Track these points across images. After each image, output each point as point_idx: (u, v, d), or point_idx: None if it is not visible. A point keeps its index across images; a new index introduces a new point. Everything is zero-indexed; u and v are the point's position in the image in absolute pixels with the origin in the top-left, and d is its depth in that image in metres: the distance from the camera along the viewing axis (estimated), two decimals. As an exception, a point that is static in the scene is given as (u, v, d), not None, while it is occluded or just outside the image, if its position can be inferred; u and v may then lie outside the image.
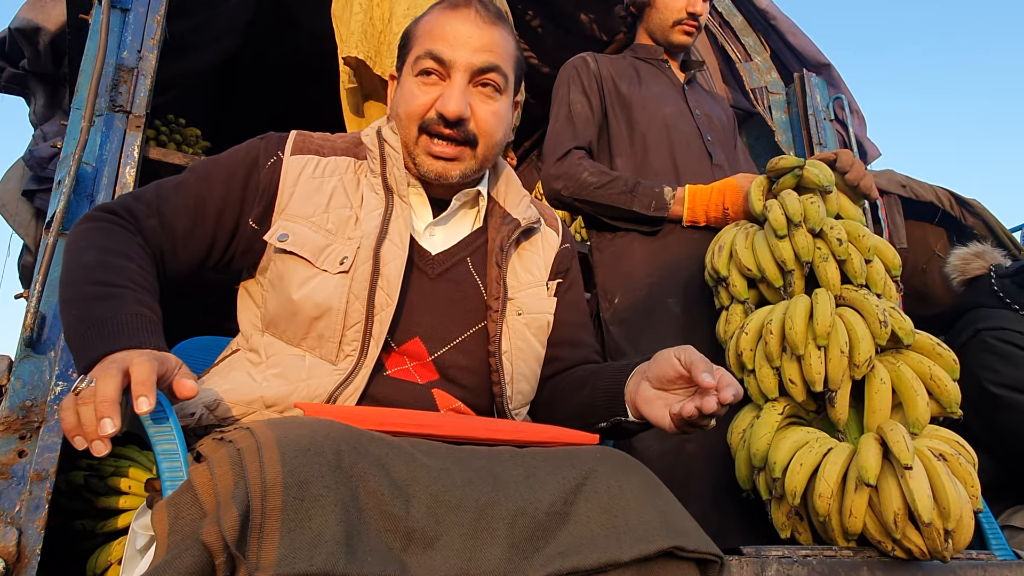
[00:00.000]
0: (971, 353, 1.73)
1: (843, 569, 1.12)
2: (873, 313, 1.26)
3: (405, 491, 0.75)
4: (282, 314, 1.08)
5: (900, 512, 1.11)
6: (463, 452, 0.87)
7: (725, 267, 1.44)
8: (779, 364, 1.29)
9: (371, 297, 1.06)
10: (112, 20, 1.88)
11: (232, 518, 0.66)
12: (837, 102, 3.13)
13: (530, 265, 1.24)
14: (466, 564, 0.73)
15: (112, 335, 0.90)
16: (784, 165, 1.50)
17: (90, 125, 1.72)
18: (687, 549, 0.83)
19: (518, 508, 0.78)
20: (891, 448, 1.13)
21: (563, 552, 0.78)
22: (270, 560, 0.64)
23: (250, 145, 1.18)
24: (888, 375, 1.26)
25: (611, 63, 1.95)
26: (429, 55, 1.12)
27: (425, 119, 1.12)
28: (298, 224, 1.10)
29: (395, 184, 1.15)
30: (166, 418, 0.86)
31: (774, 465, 1.22)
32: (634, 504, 0.85)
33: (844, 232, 1.38)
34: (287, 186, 1.13)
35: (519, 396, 1.17)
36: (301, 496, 0.68)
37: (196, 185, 1.13)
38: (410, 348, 1.11)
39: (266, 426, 0.77)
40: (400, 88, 1.18)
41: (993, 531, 1.48)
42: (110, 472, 1.84)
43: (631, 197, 1.67)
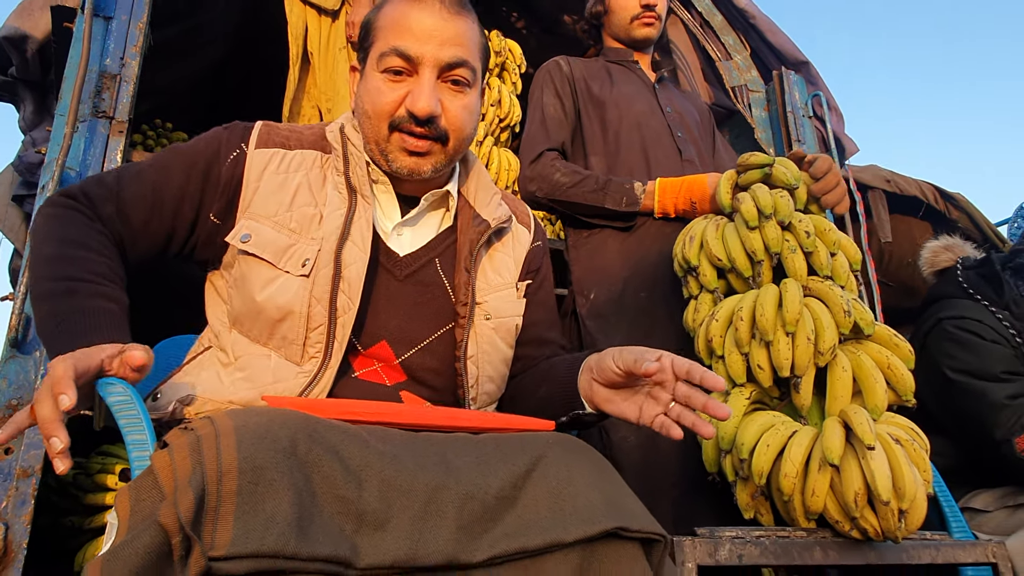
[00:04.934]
0: (933, 341, 1.77)
1: (796, 549, 1.16)
2: (838, 304, 1.30)
3: (358, 476, 0.77)
4: (246, 314, 1.08)
5: (860, 492, 1.15)
6: (417, 439, 0.89)
7: (696, 257, 1.48)
8: (748, 350, 1.33)
9: (332, 300, 1.05)
10: (95, 28, 1.92)
11: (188, 500, 0.68)
12: (815, 99, 3.17)
13: (500, 267, 1.22)
14: (415, 545, 0.75)
15: (69, 332, 0.94)
16: (754, 162, 1.53)
17: (73, 131, 1.77)
18: (631, 529, 0.84)
19: (468, 492, 0.81)
20: (855, 430, 1.17)
21: (509, 534, 0.80)
22: (224, 540, 0.67)
23: (213, 135, 1.15)
24: (850, 363, 1.30)
25: (584, 65, 1.99)
26: (395, 52, 1.08)
27: (395, 117, 1.09)
28: (260, 224, 1.08)
29: (358, 184, 1.12)
30: (135, 408, 0.90)
31: (741, 446, 1.26)
32: (581, 487, 0.86)
33: (812, 226, 1.42)
34: (250, 182, 1.11)
35: (484, 396, 1.17)
36: (255, 481, 0.71)
37: (155, 175, 1.11)
38: (377, 351, 1.11)
39: (226, 415, 0.79)
40: (364, 83, 1.13)
41: (953, 513, 1.52)
42: (96, 470, 1.87)
43: (603, 195, 1.71)
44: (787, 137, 3.07)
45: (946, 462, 1.73)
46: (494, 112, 2.89)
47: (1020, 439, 1.58)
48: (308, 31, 2.57)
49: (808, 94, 3.18)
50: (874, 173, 4.49)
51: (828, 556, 1.18)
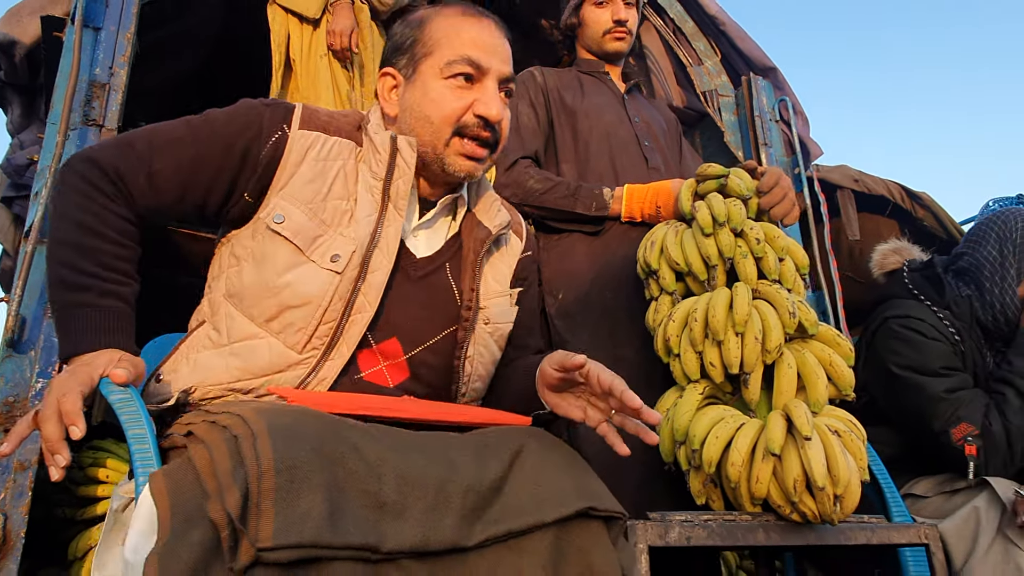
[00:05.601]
0: (880, 339, 1.88)
1: (740, 531, 1.27)
2: (784, 305, 1.41)
3: (377, 470, 0.87)
4: (257, 290, 1.11)
5: (799, 479, 1.26)
6: (421, 437, 0.98)
7: (656, 261, 1.58)
8: (702, 349, 1.43)
9: (352, 300, 1.12)
10: (84, 38, 1.99)
11: (235, 497, 0.77)
12: (782, 104, 3.29)
13: (498, 274, 1.31)
14: (427, 532, 0.85)
15: (78, 330, 1.04)
16: (711, 173, 1.63)
17: (65, 139, 1.84)
18: (598, 509, 0.97)
19: (468, 485, 0.91)
20: (794, 422, 1.28)
21: (498, 519, 0.91)
22: (267, 533, 0.76)
23: (255, 112, 1.16)
24: (795, 361, 1.41)
25: (557, 76, 2.09)
26: (467, 61, 1.16)
27: (462, 121, 1.17)
28: (295, 207, 1.12)
29: (395, 195, 1.17)
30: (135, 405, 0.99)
31: (694, 438, 1.37)
32: (555, 474, 0.99)
33: (762, 233, 1.53)
34: (290, 164, 1.14)
35: (473, 392, 1.27)
36: (291, 479, 0.80)
37: (191, 149, 1.12)
38: (388, 347, 1.17)
39: (256, 415, 0.87)
40: (422, 89, 1.19)
41: (894, 499, 1.64)
42: (89, 463, 1.95)
43: (574, 200, 1.81)
44: (755, 140, 3.19)
45: (892, 451, 1.85)
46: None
47: (956, 430, 1.69)
48: (290, 39, 2.65)
49: (775, 99, 3.30)
50: (843, 173, 4.63)
51: (770, 537, 1.29)
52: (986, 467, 1.67)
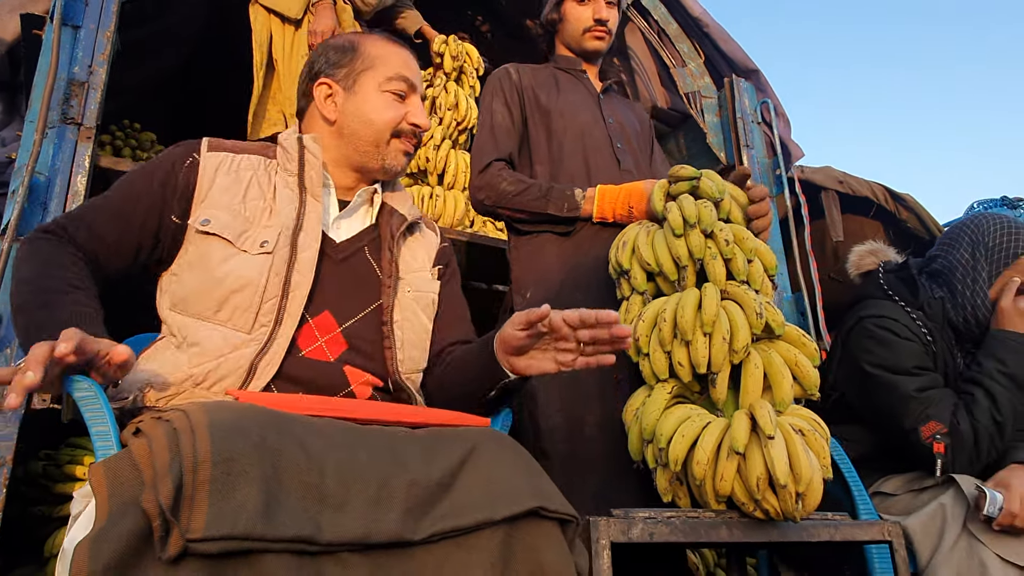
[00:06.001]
0: (855, 338, 1.90)
1: (703, 527, 1.28)
2: (751, 306, 1.43)
3: (320, 464, 0.88)
4: (198, 290, 1.21)
5: (762, 477, 1.28)
6: (368, 432, 1.00)
7: (628, 261, 1.60)
8: (670, 349, 1.45)
9: (288, 277, 1.23)
10: (63, 37, 1.99)
11: (168, 488, 0.78)
12: (764, 106, 3.31)
13: (416, 255, 1.46)
14: (369, 525, 0.87)
15: (46, 329, 1.04)
16: (683, 175, 1.65)
17: (42, 137, 1.85)
18: (549, 509, 0.98)
19: (413, 479, 0.93)
20: (758, 422, 1.30)
21: (446, 515, 0.92)
22: (199, 524, 0.77)
23: (166, 153, 1.33)
24: (761, 361, 1.43)
25: (533, 73, 2.08)
26: (403, 79, 1.38)
27: (399, 128, 1.38)
28: (218, 210, 1.25)
29: (310, 185, 1.33)
30: (99, 402, 1.00)
31: (661, 437, 1.38)
32: (508, 474, 1.00)
33: (731, 234, 1.54)
34: (205, 180, 1.28)
35: (410, 362, 1.34)
36: (227, 471, 0.81)
37: (119, 195, 1.28)
38: (322, 321, 1.27)
39: (199, 410, 0.89)
40: (364, 99, 1.38)
41: (861, 497, 1.67)
42: (66, 461, 1.96)
43: (546, 201, 1.82)
44: (737, 142, 3.21)
45: (863, 449, 1.87)
46: (451, 116, 3.00)
47: (925, 428, 1.71)
48: (272, 38, 2.65)
49: (757, 101, 3.32)
50: (827, 174, 4.66)
51: (733, 534, 1.31)
52: (953, 464, 1.69)
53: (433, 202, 2.84)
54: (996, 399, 1.71)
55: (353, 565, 0.85)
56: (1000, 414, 1.70)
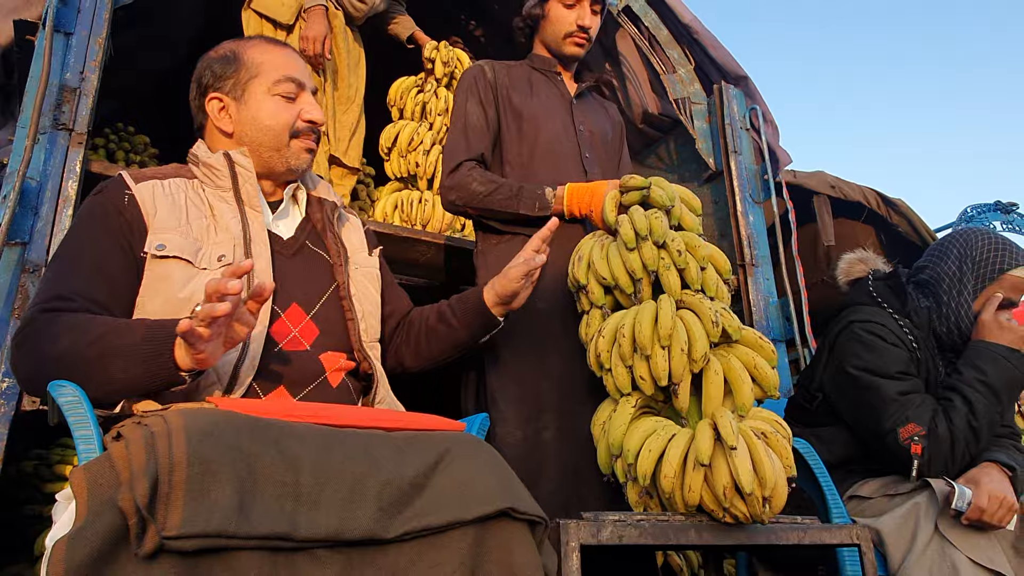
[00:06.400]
0: (841, 342, 1.93)
1: (672, 530, 1.32)
2: (707, 314, 1.45)
3: (295, 464, 0.92)
4: (167, 311, 1.23)
5: (728, 485, 1.31)
6: (344, 434, 1.03)
7: (584, 276, 1.62)
8: (631, 363, 1.47)
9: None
10: (55, 43, 2.02)
11: (143, 488, 0.82)
12: (753, 112, 3.34)
13: (351, 238, 1.56)
14: (342, 522, 0.90)
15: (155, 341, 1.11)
16: (633, 185, 1.67)
17: (34, 143, 1.87)
18: (519, 511, 1.01)
19: (386, 480, 0.96)
20: (720, 432, 1.33)
21: (418, 514, 0.96)
22: (175, 522, 0.80)
23: (96, 200, 1.33)
24: (721, 367, 1.45)
25: (508, 71, 2.06)
26: (289, 80, 1.42)
27: (296, 127, 1.42)
28: (169, 234, 1.29)
29: (246, 196, 1.39)
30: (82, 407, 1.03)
31: (628, 452, 1.41)
32: (480, 476, 1.03)
33: (683, 244, 1.56)
34: (148, 209, 1.31)
35: (372, 331, 1.47)
36: (202, 472, 0.84)
37: (87, 255, 1.27)
38: (292, 313, 1.35)
39: (177, 414, 0.93)
40: (256, 107, 1.42)
41: (834, 501, 1.70)
42: (56, 460, 2.00)
43: (517, 201, 1.83)
44: (725, 148, 3.24)
45: (845, 452, 1.91)
46: (441, 121, 3.03)
47: (903, 429, 1.75)
48: (264, 43, 2.68)
49: (746, 107, 3.35)
50: (820, 179, 4.69)
51: (702, 537, 1.34)
52: (929, 467, 1.73)
53: (422, 207, 2.88)
54: (973, 406, 1.75)
55: (327, 561, 0.88)
56: (976, 420, 1.74)
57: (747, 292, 3.01)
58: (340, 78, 2.83)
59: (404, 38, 3.25)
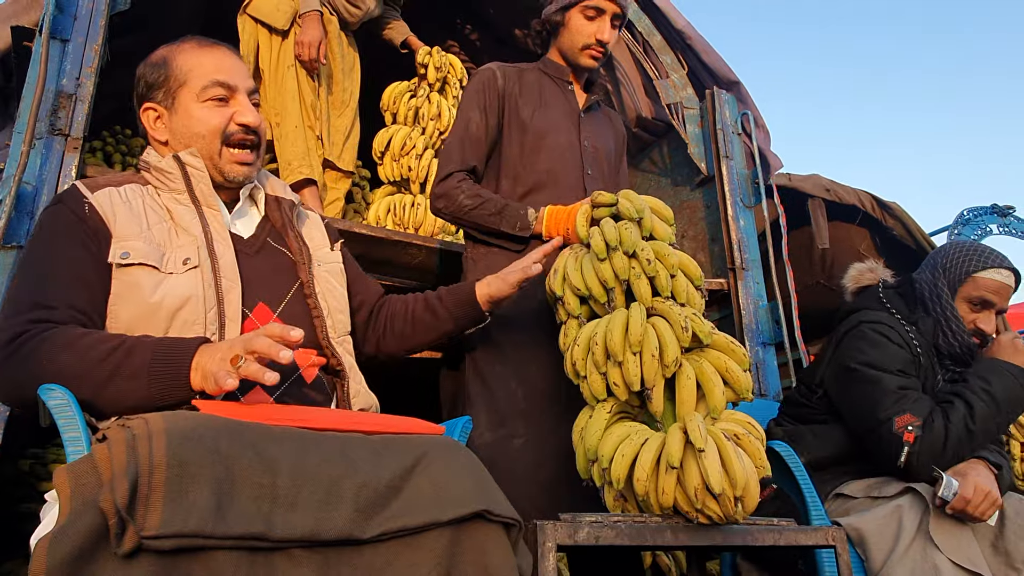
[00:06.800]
0: (848, 339, 1.99)
1: (648, 531, 1.35)
2: (677, 321, 1.49)
3: (272, 466, 0.94)
4: (140, 317, 1.26)
5: (699, 486, 1.34)
6: (321, 437, 1.06)
7: (560, 288, 1.66)
8: (605, 370, 1.51)
9: (218, 284, 1.31)
10: (52, 50, 2.05)
11: (124, 489, 0.84)
12: (745, 117, 3.36)
13: (312, 234, 1.57)
14: (318, 523, 0.93)
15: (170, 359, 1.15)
16: (602, 201, 1.71)
17: (30, 148, 1.91)
18: (494, 513, 1.04)
19: (363, 482, 0.98)
20: (689, 436, 1.36)
21: (395, 515, 0.98)
22: (154, 522, 0.83)
23: (55, 212, 1.33)
24: (693, 371, 1.48)
25: (519, 77, 2.06)
26: (218, 84, 1.40)
27: (227, 132, 1.40)
28: (132, 241, 1.30)
29: (202, 196, 1.39)
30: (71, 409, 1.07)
31: (603, 457, 1.44)
32: (456, 479, 1.05)
33: (652, 253, 1.59)
34: (108, 216, 1.32)
35: (340, 326, 1.49)
36: (181, 474, 0.87)
37: (59, 266, 1.27)
38: (259, 312, 1.36)
39: (159, 417, 0.95)
40: (187, 115, 1.40)
41: (814, 503, 1.73)
42: (52, 460, 2.03)
43: (500, 218, 1.87)
44: (717, 152, 3.27)
45: (839, 449, 1.95)
46: (434, 126, 3.07)
47: (899, 419, 1.78)
48: (259, 49, 2.72)
49: (738, 112, 3.38)
50: (815, 183, 4.72)
51: (679, 538, 1.37)
52: (917, 458, 1.75)
53: (415, 210, 2.91)
54: (973, 410, 1.79)
55: (304, 562, 0.91)
56: (973, 423, 1.78)
57: (737, 296, 3.04)
58: (335, 82, 2.86)
59: (398, 43, 3.28)
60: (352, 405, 1.41)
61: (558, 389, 1.72)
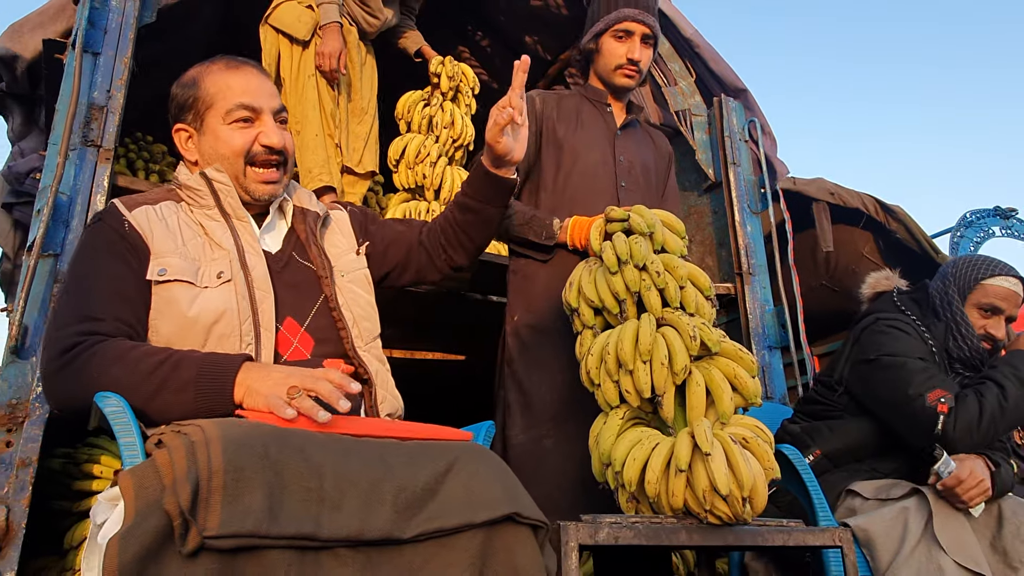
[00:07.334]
0: (866, 334, 2.08)
1: (664, 532, 1.41)
2: (686, 330, 1.55)
3: (318, 470, 1.01)
4: (178, 330, 1.32)
5: (707, 488, 1.40)
6: (361, 442, 1.13)
7: (575, 300, 1.73)
8: (617, 378, 1.57)
9: (251, 296, 1.36)
10: (84, 63, 2.12)
11: (187, 492, 0.92)
12: (751, 124, 3.43)
13: (335, 242, 1.61)
14: (362, 524, 0.99)
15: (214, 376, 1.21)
16: (614, 216, 1.78)
17: (65, 159, 1.98)
18: (523, 515, 1.11)
19: (401, 485, 1.05)
20: (696, 440, 1.43)
21: (432, 517, 1.05)
22: (214, 523, 0.90)
23: (99, 228, 1.39)
24: (702, 378, 1.55)
25: (558, 103, 2.18)
26: (242, 107, 1.44)
27: (251, 152, 1.45)
28: (168, 258, 1.36)
29: (231, 210, 1.45)
30: (126, 416, 1.14)
31: (616, 461, 1.51)
32: (487, 483, 1.12)
33: (662, 265, 1.66)
34: (146, 233, 1.38)
35: (366, 333, 1.52)
36: (237, 479, 0.94)
37: (101, 282, 1.33)
38: (288, 326, 1.42)
39: (213, 424, 1.02)
40: (214, 137, 1.46)
41: (821, 505, 1.80)
42: (84, 459, 2.10)
43: (527, 228, 1.96)
44: (724, 159, 3.34)
45: (855, 442, 2.04)
46: (447, 134, 3.13)
47: (931, 394, 1.86)
48: (281, 58, 2.79)
49: (745, 120, 3.45)
50: (819, 186, 4.77)
51: (692, 538, 1.44)
52: (954, 427, 1.81)
53: (429, 217, 2.98)
54: (1005, 389, 1.88)
55: (349, 560, 0.98)
56: (1006, 401, 1.86)
57: (744, 300, 3.11)
58: (354, 91, 2.93)
59: (412, 52, 3.35)
60: (380, 410, 1.47)
61: (586, 396, 1.80)
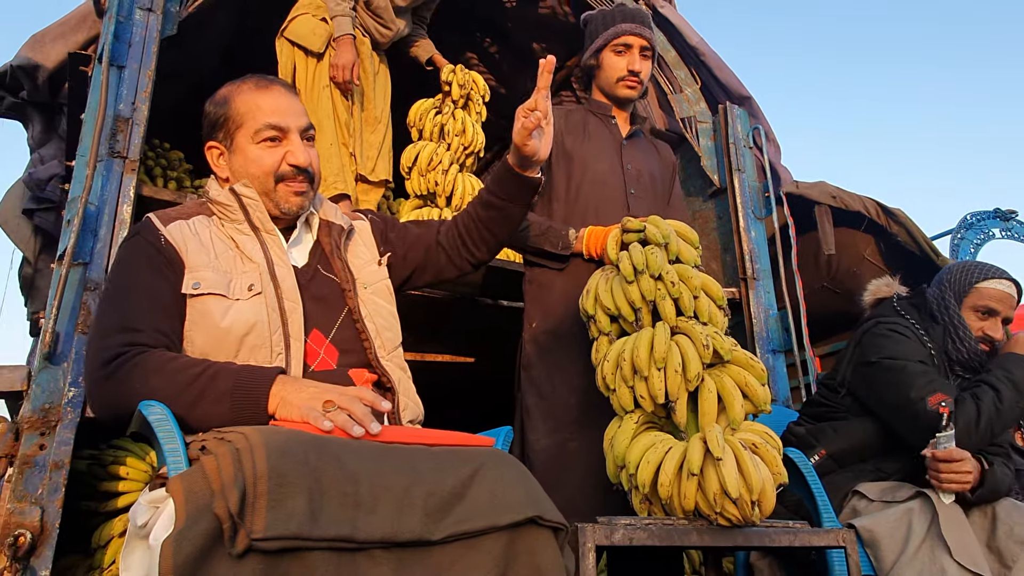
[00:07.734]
0: (868, 337, 2.16)
1: (676, 533, 1.48)
2: (699, 338, 1.62)
3: (354, 476, 1.07)
4: (211, 342, 1.37)
5: (718, 491, 1.47)
6: (392, 449, 1.20)
7: (592, 307, 1.79)
8: (632, 384, 1.64)
9: (281, 307, 1.41)
10: (110, 76, 2.19)
11: (235, 497, 0.98)
12: (756, 131, 3.49)
13: (358, 253, 1.64)
14: (395, 526, 1.06)
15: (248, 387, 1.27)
16: (631, 227, 1.84)
17: (93, 170, 2.04)
18: (545, 518, 1.17)
19: (430, 490, 1.11)
20: (708, 445, 1.50)
21: (459, 520, 1.11)
22: (260, 526, 0.97)
23: (135, 243, 1.45)
24: (714, 385, 1.61)
25: (566, 117, 2.26)
26: (270, 127, 1.48)
27: (280, 172, 1.49)
28: (202, 272, 1.41)
29: (260, 224, 1.49)
30: (169, 424, 1.20)
31: (630, 464, 1.58)
32: (510, 487, 1.18)
33: (676, 275, 1.72)
34: (181, 248, 1.43)
35: (388, 343, 1.56)
36: (280, 484, 1.00)
37: (138, 294, 1.39)
38: (314, 338, 1.47)
39: (255, 432, 1.09)
40: (243, 156, 1.50)
41: (825, 507, 1.86)
42: (110, 461, 2.16)
43: (543, 239, 2.03)
44: (729, 165, 3.39)
45: (859, 442, 2.10)
46: (459, 141, 3.19)
47: (932, 397, 1.93)
48: (296, 70, 2.85)
49: (750, 127, 3.50)
50: (821, 190, 4.83)
51: (703, 539, 1.50)
52: (956, 426, 1.88)
53: (442, 223, 3.04)
54: (1000, 392, 1.95)
55: (383, 561, 1.04)
56: (1001, 403, 1.94)
57: (748, 304, 3.17)
58: (367, 100, 3.00)
59: (423, 60, 3.41)
60: (402, 417, 1.54)
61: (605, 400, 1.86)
